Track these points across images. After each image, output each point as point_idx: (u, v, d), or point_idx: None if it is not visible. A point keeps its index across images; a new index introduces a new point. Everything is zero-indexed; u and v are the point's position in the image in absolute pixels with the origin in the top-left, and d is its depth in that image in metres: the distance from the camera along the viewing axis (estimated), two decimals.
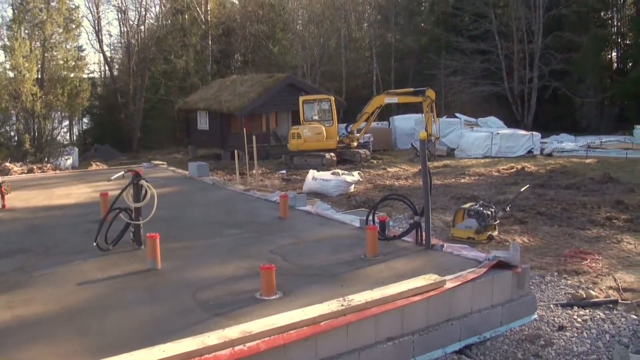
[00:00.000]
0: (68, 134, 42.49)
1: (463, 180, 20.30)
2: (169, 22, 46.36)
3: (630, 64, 40.59)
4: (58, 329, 5.86)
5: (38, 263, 8.20)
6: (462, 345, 6.68)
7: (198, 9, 44.56)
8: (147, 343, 5.19)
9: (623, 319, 7.64)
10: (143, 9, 46.08)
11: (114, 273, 7.62)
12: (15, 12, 31.30)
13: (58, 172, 21.50)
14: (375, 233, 8.19)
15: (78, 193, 14.36)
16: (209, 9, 45.18)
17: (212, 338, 5.22)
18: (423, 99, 26.02)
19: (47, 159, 28.31)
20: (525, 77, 36.38)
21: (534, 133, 28.79)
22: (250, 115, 29.82)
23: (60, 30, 32.17)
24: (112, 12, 75.09)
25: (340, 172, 19.43)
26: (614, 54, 42.81)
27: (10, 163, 23.86)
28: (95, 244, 8.37)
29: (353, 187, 18.52)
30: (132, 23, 45.72)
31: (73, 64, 32.94)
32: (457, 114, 34.17)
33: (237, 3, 50.74)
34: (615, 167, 22.27)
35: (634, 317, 7.70)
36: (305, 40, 43.74)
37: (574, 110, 37.60)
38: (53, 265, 8.02)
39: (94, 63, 59.46)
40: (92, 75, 44.42)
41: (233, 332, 5.35)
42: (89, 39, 77.79)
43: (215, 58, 45.93)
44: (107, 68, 47.73)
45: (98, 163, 26.34)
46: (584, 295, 8.38)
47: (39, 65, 30.77)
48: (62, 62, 32.21)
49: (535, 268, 9.85)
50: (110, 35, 77.85)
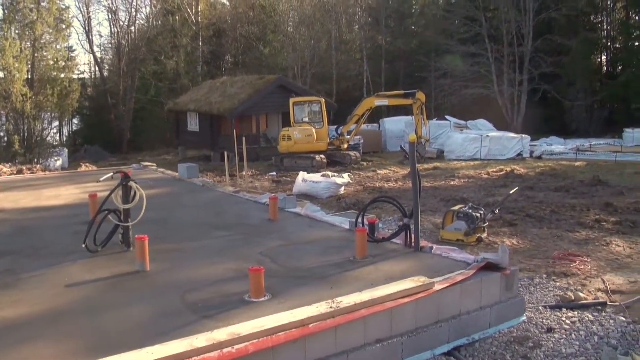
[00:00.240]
0: (58, 135, 42.29)
1: (452, 183, 20.35)
2: (160, 22, 46.34)
3: (620, 67, 40.96)
4: (45, 331, 5.81)
5: (26, 264, 8.12)
6: (450, 347, 6.68)
7: (189, 10, 44.48)
8: (135, 345, 5.16)
9: (611, 321, 7.68)
10: (133, 10, 46.18)
11: (103, 275, 7.57)
12: (6, 12, 31.15)
13: (47, 173, 21.35)
14: (365, 235, 8.18)
15: (67, 194, 14.26)
16: (200, 10, 45.13)
17: (200, 340, 5.19)
18: (413, 102, 26.08)
19: (36, 160, 28.15)
20: (515, 80, 36.50)
21: (524, 136, 28.92)
22: (240, 117, 29.78)
23: (51, 31, 32.02)
24: (102, 12, 75.17)
25: (330, 174, 19.45)
26: (604, 57, 43.18)
27: None
28: (84, 246, 8.31)
29: (343, 189, 18.54)
30: (122, 23, 45.79)
31: (63, 65, 32.85)
32: (447, 117, 34.31)
33: (227, 4, 50.77)
34: (605, 169, 22.42)
35: (622, 319, 7.74)
36: (296, 42, 43.70)
37: (564, 113, 37.83)
38: (41, 267, 7.95)
39: (84, 63, 59.17)
40: (82, 76, 44.39)
41: (221, 334, 5.32)
42: (79, 40, 77.34)
43: (206, 59, 45.86)
44: (97, 68, 47.67)
45: (87, 164, 26.26)
46: (573, 297, 8.43)
47: (29, 66, 30.64)
48: (52, 62, 32.12)
49: (524, 270, 9.89)
50: (101, 36, 78.25)
